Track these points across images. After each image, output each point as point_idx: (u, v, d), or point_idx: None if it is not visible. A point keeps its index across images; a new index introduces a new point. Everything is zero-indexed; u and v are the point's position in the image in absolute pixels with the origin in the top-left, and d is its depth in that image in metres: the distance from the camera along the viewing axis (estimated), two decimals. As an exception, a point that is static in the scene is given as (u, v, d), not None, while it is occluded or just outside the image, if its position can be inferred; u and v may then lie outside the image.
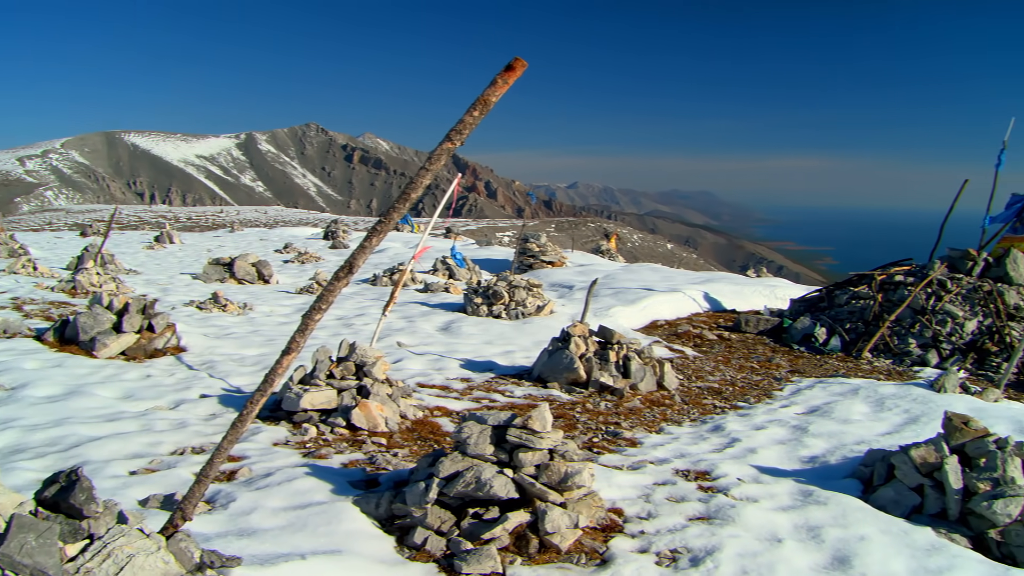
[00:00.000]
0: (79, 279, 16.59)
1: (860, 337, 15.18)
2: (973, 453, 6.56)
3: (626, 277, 21.93)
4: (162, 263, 26.62)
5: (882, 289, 16.52)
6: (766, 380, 12.28)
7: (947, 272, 16.48)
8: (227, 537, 5.05)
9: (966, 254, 16.78)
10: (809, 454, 8.24)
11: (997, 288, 15.64)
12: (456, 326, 14.92)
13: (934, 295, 15.71)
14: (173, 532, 4.13)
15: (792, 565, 5.42)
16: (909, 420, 9.76)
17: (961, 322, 14.88)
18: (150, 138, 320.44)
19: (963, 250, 16.95)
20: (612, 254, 37.07)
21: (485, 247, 38.93)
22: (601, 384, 10.56)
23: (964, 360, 14.08)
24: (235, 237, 40.79)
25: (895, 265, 17.81)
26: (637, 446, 8.30)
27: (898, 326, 15.21)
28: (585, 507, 5.76)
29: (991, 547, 6.04)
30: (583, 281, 20.77)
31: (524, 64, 3.18)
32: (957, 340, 14.59)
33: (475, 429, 5.78)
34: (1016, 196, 17.66)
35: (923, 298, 15.63)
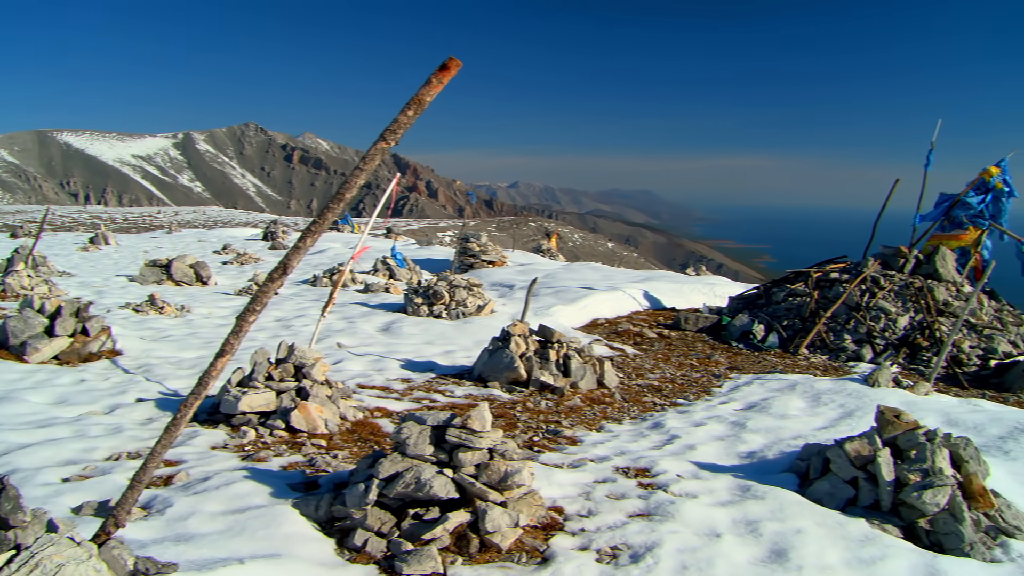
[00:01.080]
0: (9, 282, 16.24)
1: (797, 334, 15.41)
2: (904, 445, 6.70)
3: (567, 276, 22.02)
4: (97, 265, 26.16)
5: (818, 286, 16.79)
6: (705, 377, 12.41)
7: (880, 269, 16.80)
8: (163, 543, 4.98)
9: (898, 252, 17.13)
10: (747, 449, 8.34)
11: (927, 285, 16.00)
12: (396, 326, 14.86)
13: (868, 292, 16.00)
14: (106, 540, 4.05)
15: (731, 559, 5.48)
16: (844, 414, 9.92)
17: (894, 318, 15.18)
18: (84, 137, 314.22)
19: (895, 248, 17.30)
20: (553, 253, 37.18)
21: (426, 247, 38.84)
22: (542, 383, 10.58)
23: (897, 355, 14.36)
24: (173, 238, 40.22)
25: (831, 263, 18.11)
26: (578, 444, 8.34)
27: (834, 322, 15.47)
28: (525, 506, 5.76)
29: (921, 536, 6.19)
30: (524, 280, 20.80)
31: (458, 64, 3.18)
32: (890, 335, 14.87)
33: (414, 430, 5.77)
34: (944, 195, 18.07)
35: (858, 295, 15.92)
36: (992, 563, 5.91)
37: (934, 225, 17.93)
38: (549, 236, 41.69)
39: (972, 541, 6.04)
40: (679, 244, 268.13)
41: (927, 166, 18.16)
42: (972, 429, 9.17)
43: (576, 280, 20.89)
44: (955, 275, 16.81)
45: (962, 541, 6.02)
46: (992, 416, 9.77)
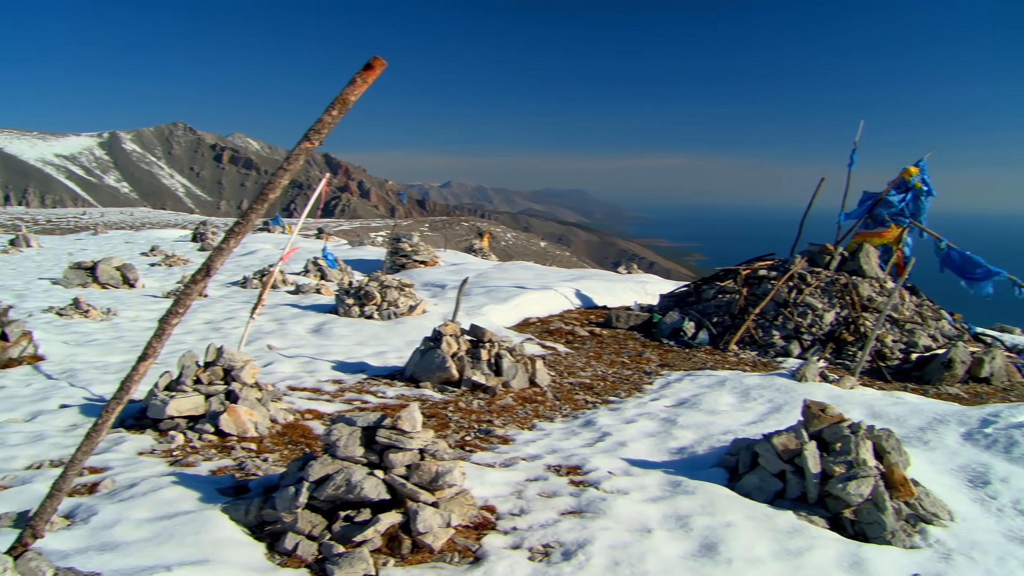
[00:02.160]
0: (-74, 287, 15.81)
1: (727, 330, 15.61)
2: (830, 438, 6.83)
3: (499, 275, 22.04)
4: (18, 268, 25.51)
5: (747, 283, 17.03)
6: (636, 374, 12.51)
7: (807, 266, 17.10)
8: (87, 553, 4.88)
9: (824, 249, 17.46)
10: (678, 445, 8.43)
11: (852, 281, 16.33)
12: (328, 328, 14.74)
13: (796, 288, 16.28)
14: (23, 551, 3.95)
15: (662, 554, 5.54)
16: (773, 409, 10.08)
17: (820, 314, 15.46)
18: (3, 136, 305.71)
19: (821, 245, 17.64)
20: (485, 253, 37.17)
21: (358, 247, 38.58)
22: (473, 382, 10.59)
23: (823, 350, 14.63)
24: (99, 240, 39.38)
25: (759, 260, 18.39)
26: (509, 443, 8.36)
27: (762, 319, 15.70)
28: (457, 506, 5.76)
29: (846, 526, 6.34)
30: (456, 280, 20.78)
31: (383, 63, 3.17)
32: (817, 331, 15.14)
33: (344, 431, 5.73)
34: (867, 194, 18.49)
35: (785, 291, 16.18)
36: (912, 549, 6.10)
37: (858, 223, 18.32)
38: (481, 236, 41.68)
39: (893, 529, 6.20)
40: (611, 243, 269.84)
41: (851, 165, 18.55)
42: (894, 421, 9.38)
43: (508, 279, 20.91)
44: (878, 271, 17.19)
45: (884, 529, 6.18)
46: (913, 408, 10.01)
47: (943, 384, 13.21)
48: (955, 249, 17.97)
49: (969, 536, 6.42)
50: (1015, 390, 13.43)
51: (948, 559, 5.97)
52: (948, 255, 18.05)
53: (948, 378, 13.28)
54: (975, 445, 8.56)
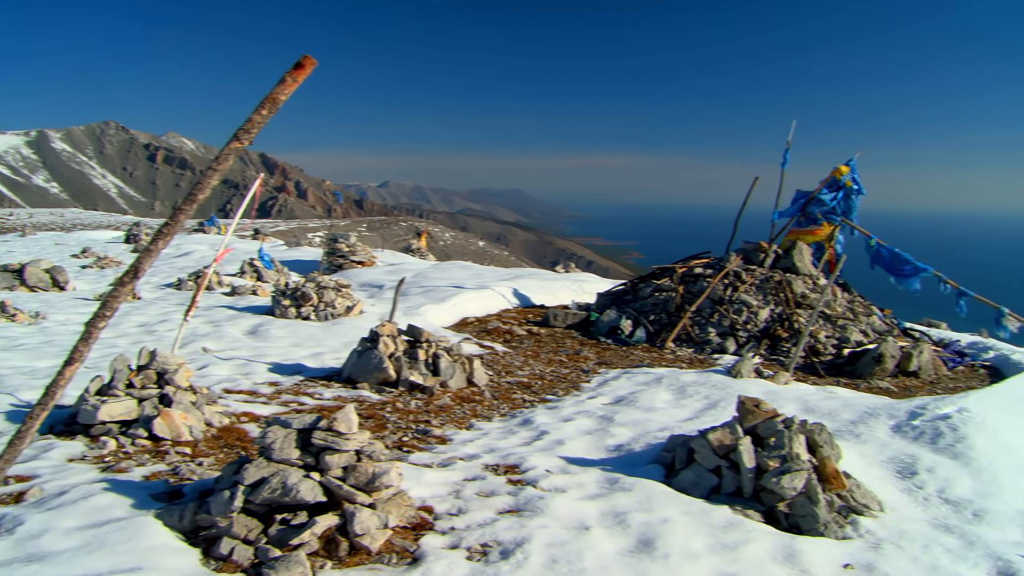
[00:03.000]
0: None
1: (664, 328, 15.75)
2: (764, 433, 6.94)
3: (436, 275, 22.00)
4: (-59, 272, 24.86)
5: (683, 281, 17.20)
6: (574, 373, 12.57)
7: (742, 264, 17.32)
8: (12, 565, 4.76)
9: (758, 247, 17.70)
10: (615, 443, 8.49)
11: (786, 278, 16.58)
12: (264, 329, 14.58)
13: (731, 286, 16.48)
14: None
15: (599, 551, 5.57)
16: (709, 405, 10.20)
17: (755, 311, 15.67)
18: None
19: (756, 243, 17.88)
20: (423, 252, 37.08)
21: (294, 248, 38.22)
22: (411, 383, 10.56)
23: (759, 346, 14.83)
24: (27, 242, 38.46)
25: (695, 258, 18.58)
26: (447, 443, 8.35)
27: (699, 316, 15.87)
28: (395, 507, 5.74)
29: (780, 519, 6.45)
30: (393, 280, 20.68)
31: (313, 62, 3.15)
32: (752, 328, 15.35)
33: (280, 434, 5.68)
34: (800, 192, 18.80)
35: (721, 289, 16.37)
36: (843, 540, 6.25)
37: (791, 221, 18.61)
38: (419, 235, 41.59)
39: (826, 521, 6.32)
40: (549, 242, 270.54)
41: (784, 164, 18.84)
42: (827, 415, 9.55)
43: (446, 279, 20.88)
44: (811, 269, 17.48)
45: (817, 521, 6.29)
46: (845, 402, 10.20)
47: (874, 378, 13.46)
48: (884, 246, 18.35)
49: (897, 525, 6.59)
50: (941, 383, 13.75)
51: (878, 548, 6.12)
52: (878, 252, 18.43)
53: (879, 372, 13.55)
54: (904, 437, 8.76)
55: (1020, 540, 6.76)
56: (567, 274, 27.46)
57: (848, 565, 5.78)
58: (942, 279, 18.06)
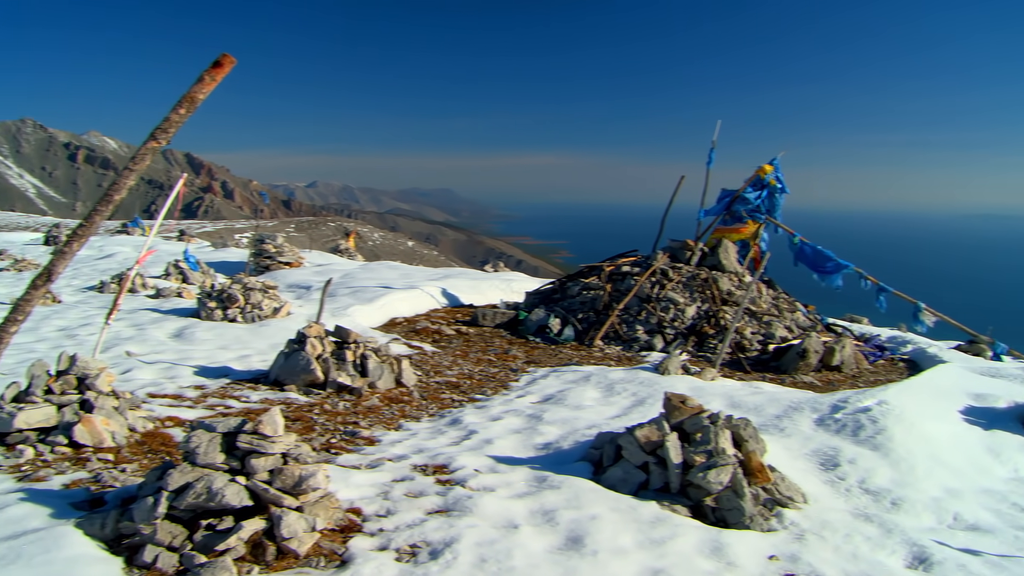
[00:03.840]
0: None
1: (592, 326, 15.84)
2: (690, 429, 7.02)
3: (365, 276, 21.87)
4: None
5: (611, 279, 17.33)
6: (503, 372, 12.60)
7: (669, 262, 17.52)
8: (-78, 581, 4.63)
9: (685, 245, 17.91)
10: (544, 441, 8.52)
11: (712, 276, 16.81)
12: (189, 332, 14.35)
13: (658, 284, 16.64)
14: None
15: (528, 549, 5.59)
16: (637, 402, 10.30)
17: (682, 308, 15.85)
18: None
19: (682, 241, 18.10)
20: (351, 253, 36.83)
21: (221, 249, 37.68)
22: (339, 384, 10.48)
23: (686, 343, 15.00)
24: (-62, 246, 37.41)
25: (622, 256, 18.74)
26: (375, 444, 8.31)
27: (627, 314, 16.00)
28: (322, 509, 5.69)
29: (707, 513, 6.54)
30: (321, 281, 20.50)
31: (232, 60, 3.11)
32: (679, 325, 15.52)
33: (204, 438, 5.59)
34: (725, 191, 19.08)
35: (648, 287, 16.52)
36: (769, 532, 6.36)
37: (717, 219, 18.87)
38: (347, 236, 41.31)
39: (752, 514, 6.43)
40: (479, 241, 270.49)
41: (709, 163, 19.09)
42: (752, 410, 9.70)
43: (374, 280, 20.76)
44: (737, 266, 17.74)
45: (743, 515, 6.40)
46: (770, 397, 10.39)
47: (798, 373, 13.72)
48: (808, 244, 18.71)
49: (820, 516, 6.74)
50: (863, 377, 14.07)
51: (801, 539, 6.25)
52: (801, 249, 18.78)
53: (803, 367, 13.80)
54: (826, 430, 8.94)
55: (934, 526, 7.00)
56: (496, 273, 27.51)
57: (773, 557, 5.88)
58: (863, 275, 18.47)
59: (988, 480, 8.27)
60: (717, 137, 19.15)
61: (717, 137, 19.15)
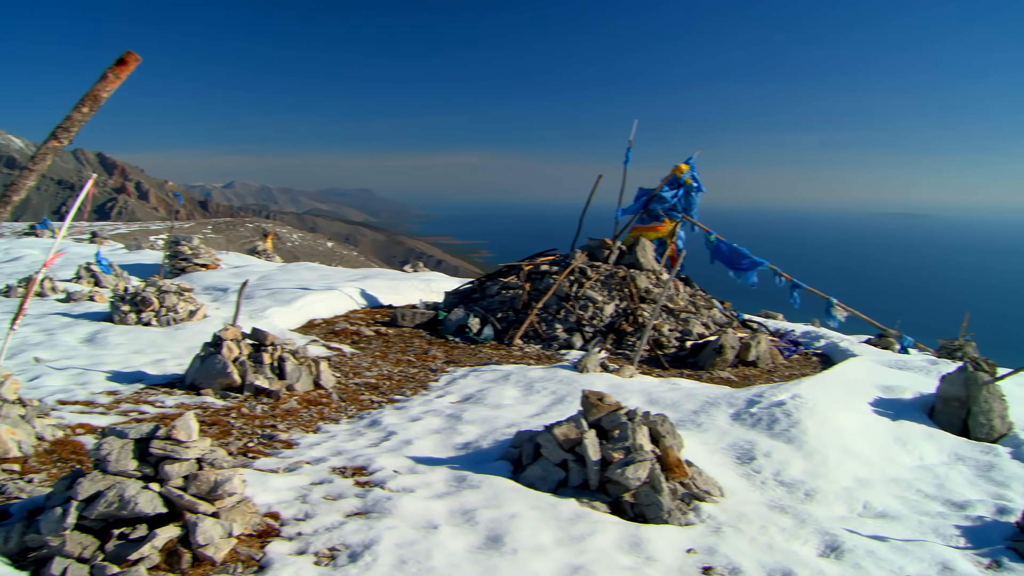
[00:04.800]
0: None
1: (511, 325, 15.88)
2: (608, 426, 7.09)
3: (282, 277, 21.64)
4: None
5: (530, 278, 17.39)
6: (422, 372, 12.55)
7: (587, 260, 17.64)
8: None
9: (603, 243, 18.06)
10: (463, 441, 8.52)
11: (630, 274, 16.98)
12: (102, 336, 14.02)
13: (577, 282, 16.75)
14: None
15: (448, 549, 5.59)
16: (556, 401, 10.35)
17: (601, 306, 15.97)
18: None
19: (600, 240, 18.24)
20: (269, 254, 36.38)
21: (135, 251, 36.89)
22: (256, 387, 10.34)
23: (605, 341, 15.12)
24: None
25: (541, 255, 18.82)
26: (294, 447, 8.22)
27: (546, 313, 16.06)
28: (239, 514, 5.61)
29: (626, 509, 6.61)
30: (238, 283, 20.21)
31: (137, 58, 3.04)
32: (598, 323, 15.64)
33: (115, 444, 5.47)
34: (642, 190, 19.31)
35: (567, 285, 16.62)
36: (687, 526, 6.48)
37: (634, 218, 19.09)
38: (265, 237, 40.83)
39: (670, 509, 6.51)
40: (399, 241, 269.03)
41: (626, 163, 19.29)
42: (670, 406, 9.83)
43: (292, 281, 20.55)
44: (654, 264, 17.95)
45: (661, 510, 6.48)
46: (687, 393, 10.53)
47: (715, 369, 13.93)
48: (723, 241, 19.04)
49: (737, 509, 6.87)
50: (778, 371, 14.36)
51: (718, 532, 6.36)
52: (717, 247, 19.11)
53: (720, 363, 14.02)
54: (742, 424, 9.11)
55: (846, 515, 7.20)
56: (415, 273, 27.41)
57: (691, 550, 5.97)
58: (777, 272, 18.86)
59: (895, 469, 8.53)
60: (634, 136, 19.35)
61: (634, 136, 19.35)
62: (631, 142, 19.26)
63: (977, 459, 8.98)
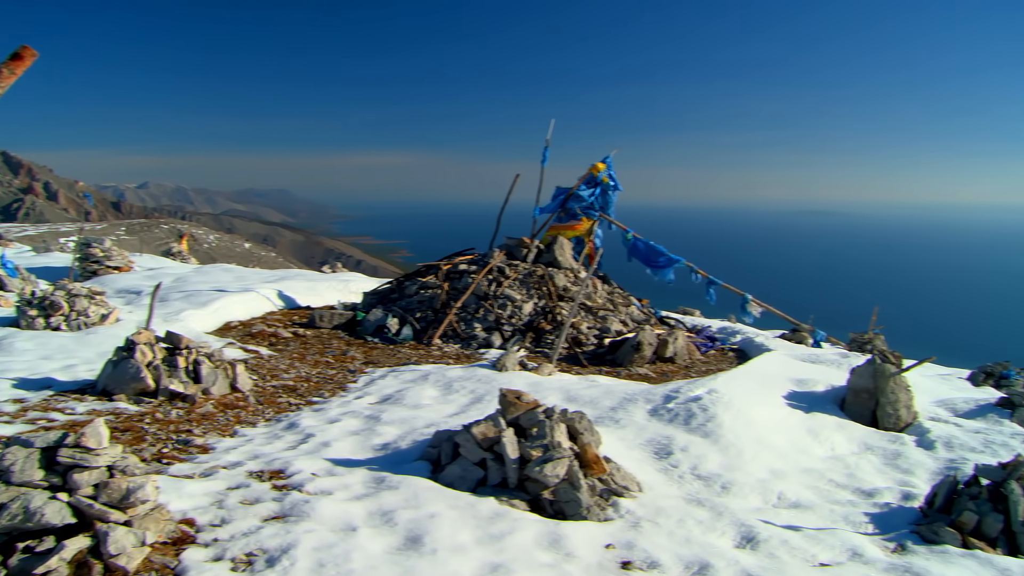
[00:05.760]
0: None
1: (430, 325, 15.84)
2: (526, 424, 7.12)
3: (198, 279, 21.28)
4: None
5: (448, 278, 17.38)
6: (341, 373, 12.46)
7: (506, 259, 17.69)
8: None
9: (521, 242, 18.13)
10: (382, 442, 8.47)
11: (548, 272, 17.07)
12: (8, 342, 13.61)
13: (495, 281, 16.78)
14: None
15: (367, 551, 5.55)
16: (475, 400, 10.36)
17: (520, 305, 16.02)
18: None
19: (518, 239, 18.31)
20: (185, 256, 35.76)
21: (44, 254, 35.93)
22: (171, 392, 10.14)
23: (524, 339, 15.17)
24: None
25: (459, 255, 18.81)
26: (210, 452, 8.08)
27: (464, 312, 16.07)
28: (153, 522, 5.49)
29: (545, 506, 6.65)
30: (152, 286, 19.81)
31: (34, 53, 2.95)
32: (517, 322, 15.69)
33: (20, 454, 5.31)
34: (559, 189, 19.43)
35: (486, 284, 16.64)
36: (605, 522, 6.53)
37: (552, 217, 19.19)
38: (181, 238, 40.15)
39: (588, 505, 6.56)
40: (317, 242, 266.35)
41: (543, 162, 19.39)
42: (589, 403, 9.91)
43: (208, 283, 20.22)
44: (572, 262, 18.08)
45: (580, 506, 6.52)
46: (606, 389, 10.63)
47: (633, 365, 14.08)
48: (640, 239, 19.26)
49: (655, 503, 6.96)
50: (695, 367, 14.57)
51: (637, 527, 6.43)
52: (634, 245, 19.33)
53: (638, 359, 14.17)
54: (660, 420, 9.23)
55: (761, 506, 7.36)
56: (334, 274, 27.21)
57: (610, 545, 6.03)
58: (693, 269, 19.15)
59: (808, 460, 8.74)
60: (551, 135, 19.45)
61: (551, 135, 19.45)
62: (548, 141, 19.37)
63: (885, 448, 9.26)
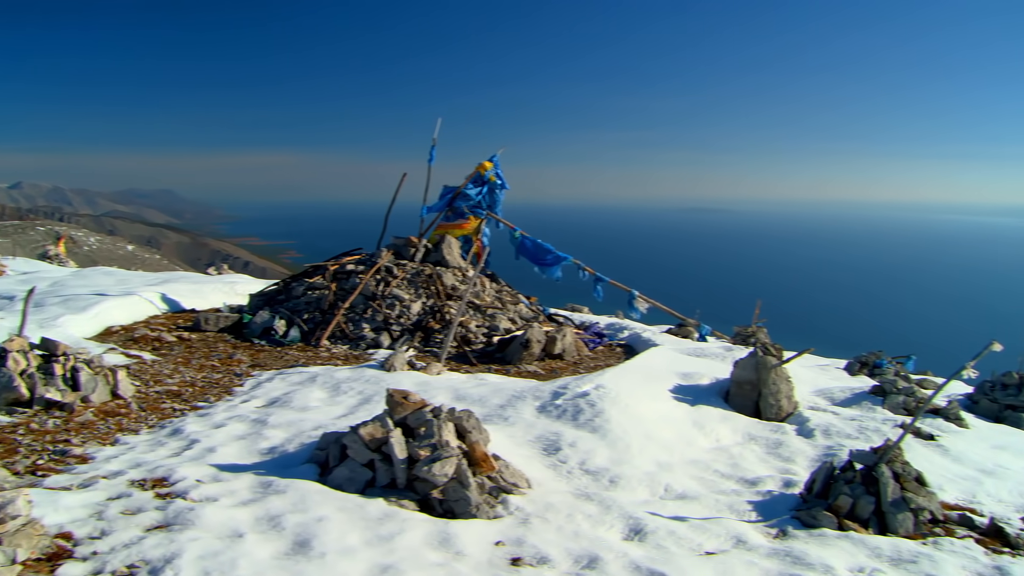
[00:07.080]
0: None
1: (318, 326, 15.67)
2: (414, 424, 7.12)
3: (77, 283, 20.61)
4: None
5: (336, 278, 17.21)
6: (227, 377, 12.23)
7: (393, 259, 17.61)
8: None
9: (409, 242, 18.07)
10: (269, 445, 8.36)
11: (436, 271, 17.07)
12: None
13: (383, 281, 16.69)
14: None
15: (254, 557, 5.47)
16: (363, 401, 10.30)
17: (408, 304, 15.98)
18: None
19: (406, 238, 18.25)
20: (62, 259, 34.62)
21: (-94, 262, 34.40)
22: (47, 400, 9.80)
23: (413, 339, 15.13)
24: None
25: (347, 255, 18.66)
26: (89, 462, 7.84)
27: (353, 312, 15.94)
28: (25, 538, 5.30)
29: (435, 506, 6.68)
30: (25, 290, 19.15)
31: None
32: (405, 321, 15.64)
33: None
34: (447, 188, 19.44)
35: (374, 284, 16.54)
36: (495, 519, 6.59)
37: (439, 216, 19.18)
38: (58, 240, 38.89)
39: (478, 503, 6.60)
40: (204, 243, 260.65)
41: (431, 161, 19.36)
42: (477, 401, 9.95)
43: (88, 287, 19.59)
44: (460, 261, 18.11)
45: (469, 504, 6.56)
46: (495, 387, 10.69)
47: (523, 363, 14.17)
48: (528, 237, 19.40)
49: (544, 499, 7.04)
50: (584, 363, 14.75)
51: (526, 523, 6.50)
52: (522, 243, 19.45)
53: (527, 357, 14.27)
54: (548, 416, 9.33)
55: (648, 499, 7.51)
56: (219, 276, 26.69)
57: (500, 542, 6.08)
58: (581, 267, 19.37)
59: (694, 451, 8.95)
60: (438, 134, 19.43)
61: (438, 134, 19.43)
62: (435, 140, 19.34)
63: (767, 437, 9.55)
